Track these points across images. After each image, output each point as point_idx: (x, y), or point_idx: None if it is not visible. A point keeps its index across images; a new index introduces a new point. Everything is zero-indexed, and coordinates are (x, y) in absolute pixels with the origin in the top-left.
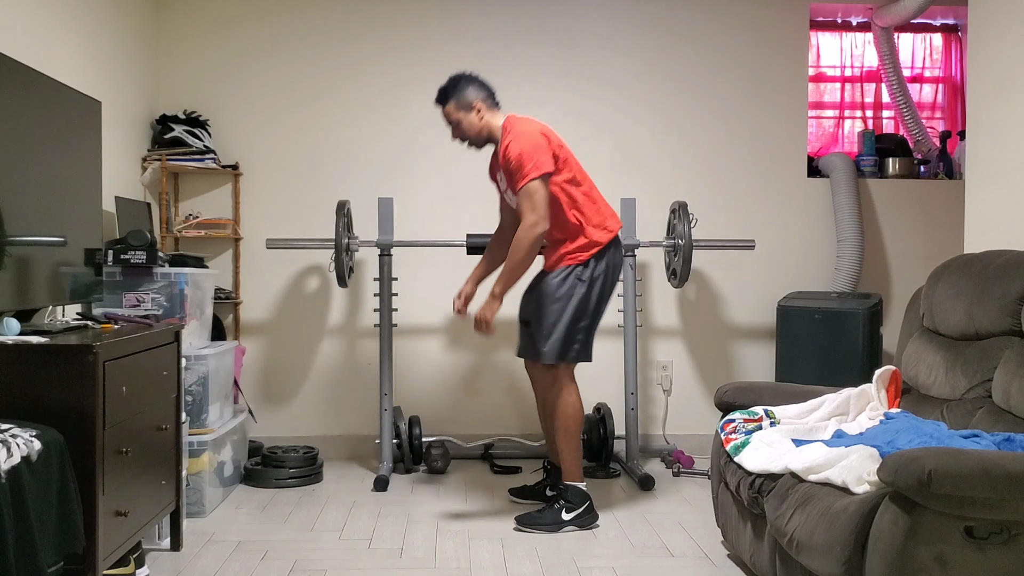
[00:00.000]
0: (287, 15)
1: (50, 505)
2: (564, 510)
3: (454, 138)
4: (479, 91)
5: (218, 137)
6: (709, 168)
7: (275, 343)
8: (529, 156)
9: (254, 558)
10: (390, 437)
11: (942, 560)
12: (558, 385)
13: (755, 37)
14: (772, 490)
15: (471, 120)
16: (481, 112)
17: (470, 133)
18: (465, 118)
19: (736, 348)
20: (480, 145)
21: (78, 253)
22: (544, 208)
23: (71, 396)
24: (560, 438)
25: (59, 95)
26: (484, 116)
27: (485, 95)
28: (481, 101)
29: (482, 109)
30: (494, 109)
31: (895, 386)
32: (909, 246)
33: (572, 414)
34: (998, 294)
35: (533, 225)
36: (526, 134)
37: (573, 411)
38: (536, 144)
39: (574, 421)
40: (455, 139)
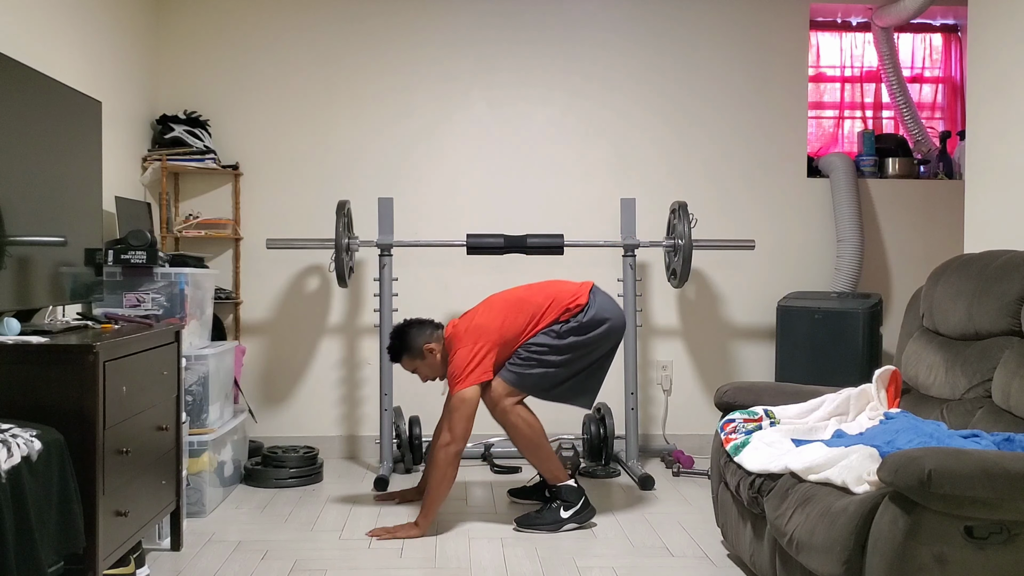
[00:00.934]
0: (287, 15)
1: (50, 505)
2: (563, 508)
3: (424, 381)
4: (420, 332)
5: (218, 137)
6: (709, 168)
7: (275, 343)
8: (467, 365)
9: (254, 558)
10: (390, 437)
11: (942, 560)
12: (501, 407)
13: (755, 37)
14: (772, 490)
15: (429, 363)
16: (434, 350)
17: (436, 373)
18: (422, 364)
19: (736, 348)
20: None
21: (78, 253)
22: (462, 428)
23: (71, 396)
24: (528, 454)
25: (59, 95)
26: (437, 351)
27: (428, 332)
28: (429, 341)
29: (434, 347)
30: (441, 337)
31: (895, 386)
32: (909, 246)
33: (528, 427)
34: (998, 294)
35: (448, 444)
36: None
37: (528, 423)
38: (476, 355)
39: (535, 432)
40: (426, 381)
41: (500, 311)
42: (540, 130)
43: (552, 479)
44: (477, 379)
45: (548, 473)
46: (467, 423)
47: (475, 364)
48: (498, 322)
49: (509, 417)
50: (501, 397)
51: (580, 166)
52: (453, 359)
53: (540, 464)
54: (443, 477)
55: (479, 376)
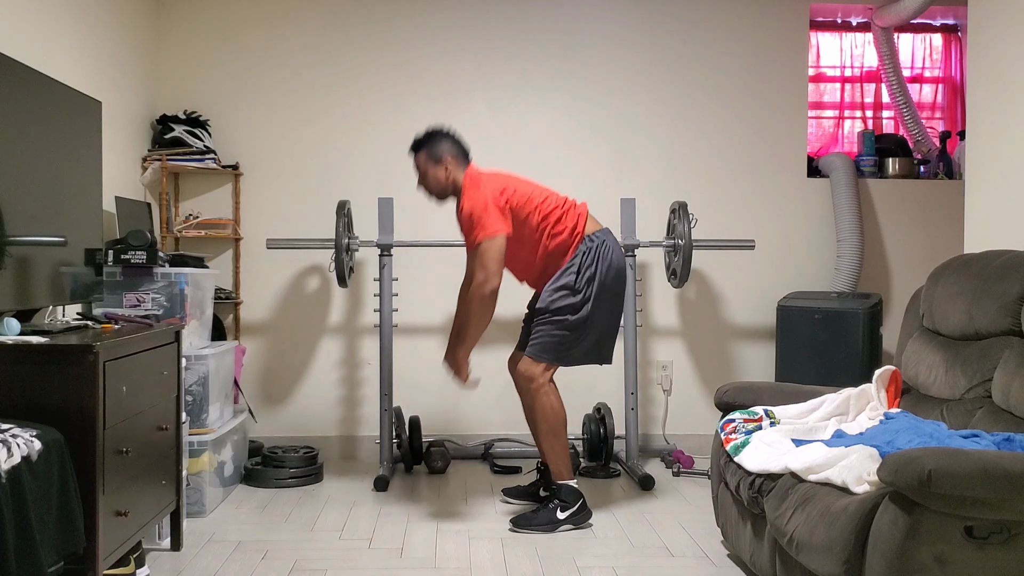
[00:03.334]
0: (287, 15)
1: (50, 505)
2: (559, 509)
3: (419, 186)
4: (452, 148)
5: (218, 137)
6: (709, 168)
7: (275, 343)
8: (479, 217)
9: (254, 558)
10: (390, 437)
11: (942, 560)
12: (535, 385)
13: (755, 37)
14: (772, 490)
15: (437, 173)
16: (449, 168)
17: (433, 185)
18: (432, 171)
19: (736, 348)
20: (443, 198)
21: (78, 253)
22: (495, 266)
23: (71, 396)
24: (544, 439)
25: (59, 95)
26: (451, 172)
27: (456, 152)
28: (452, 157)
29: (450, 166)
30: (462, 166)
31: (895, 386)
32: (909, 246)
33: (553, 414)
34: (998, 294)
35: (482, 283)
36: (477, 190)
37: (553, 411)
38: (485, 206)
39: (556, 421)
40: (419, 188)
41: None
42: (540, 130)
43: (556, 474)
44: (497, 229)
45: (555, 467)
46: (499, 262)
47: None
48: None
49: (539, 398)
50: (537, 375)
51: (580, 166)
52: (465, 200)
53: (551, 455)
54: (481, 316)
55: (498, 227)
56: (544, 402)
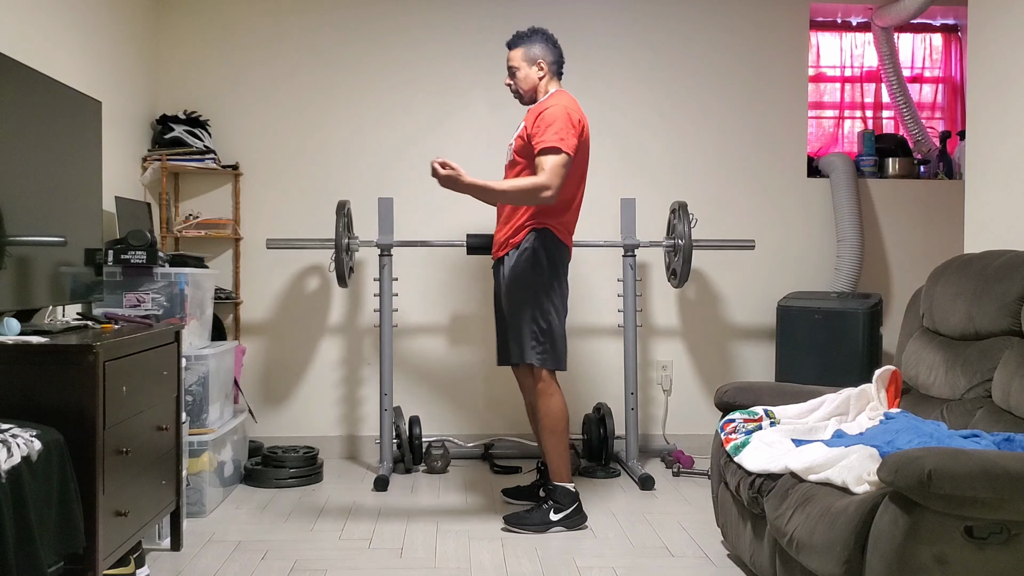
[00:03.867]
0: (287, 15)
1: (50, 505)
2: (552, 511)
3: (507, 83)
4: (549, 53)
5: (218, 137)
6: (709, 168)
7: (275, 343)
8: (563, 127)
9: (254, 558)
10: (390, 437)
11: (942, 560)
12: (542, 384)
13: (755, 37)
14: (772, 490)
15: (529, 74)
16: (543, 72)
17: (523, 86)
18: (526, 69)
19: (736, 348)
20: (527, 102)
21: (78, 253)
22: (559, 180)
23: (71, 396)
24: (546, 439)
25: (59, 95)
26: (545, 75)
27: (553, 59)
28: (547, 63)
29: (545, 70)
30: (555, 77)
31: (895, 386)
32: (909, 246)
33: (556, 415)
34: (998, 294)
35: (542, 188)
36: (569, 110)
37: (557, 412)
38: (571, 122)
39: (559, 422)
40: (507, 84)
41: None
42: None
43: (554, 474)
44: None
45: (553, 467)
46: (563, 178)
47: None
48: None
49: (545, 397)
50: (543, 376)
51: None
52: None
53: (551, 454)
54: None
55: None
56: (549, 402)
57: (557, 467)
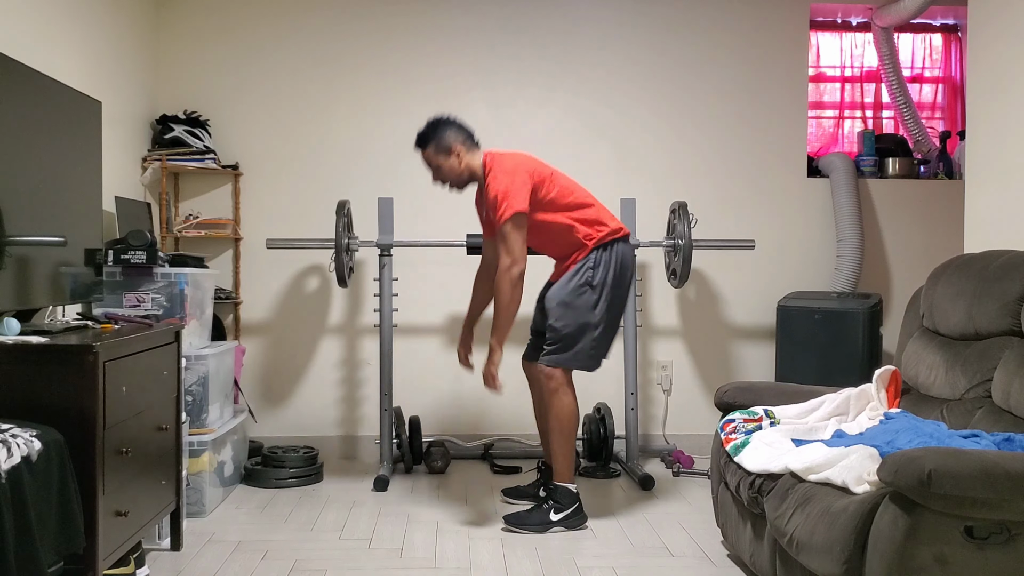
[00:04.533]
0: (287, 15)
1: (50, 505)
2: (553, 511)
3: (435, 181)
4: (457, 134)
5: (218, 137)
6: (709, 168)
7: (275, 343)
8: (505, 195)
9: (254, 558)
10: (390, 437)
11: (942, 560)
12: (554, 385)
13: (755, 37)
14: (772, 490)
15: (451, 164)
16: (460, 155)
17: (451, 176)
18: (445, 162)
19: (736, 348)
20: (462, 187)
21: (78, 253)
22: (519, 249)
23: (71, 396)
24: (554, 439)
25: (59, 95)
26: (464, 158)
27: (464, 137)
28: (460, 144)
29: (461, 152)
30: (474, 150)
31: (895, 386)
32: (909, 246)
33: (567, 416)
34: (998, 294)
35: (509, 267)
36: (506, 172)
37: (569, 413)
38: (514, 182)
39: (569, 423)
40: (436, 182)
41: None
42: (540, 130)
43: (557, 474)
44: (521, 206)
45: (557, 466)
46: (523, 244)
47: (519, 192)
48: (548, 169)
49: (557, 396)
50: (557, 374)
51: (580, 166)
52: (492, 181)
53: (557, 454)
54: (511, 301)
55: (522, 203)
56: (561, 401)
57: (561, 467)
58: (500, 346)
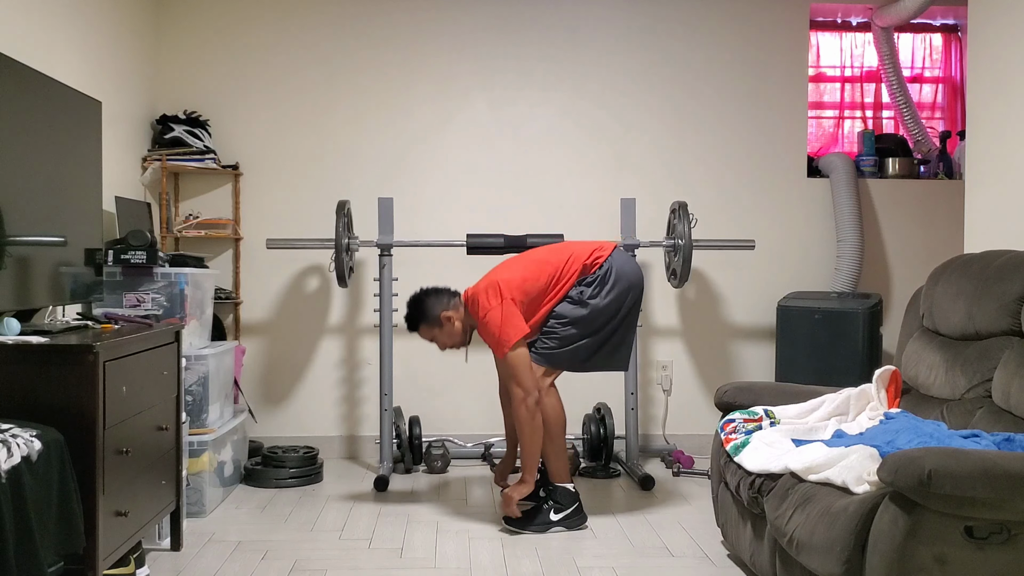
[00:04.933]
0: (287, 15)
1: (50, 505)
2: (552, 511)
3: (443, 350)
4: (438, 301)
5: (218, 137)
6: (709, 168)
7: (275, 343)
8: (502, 327)
9: (254, 558)
10: (390, 437)
11: (942, 560)
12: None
13: (755, 37)
14: (772, 490)
15: (448, 331)
16: (451, 318)
17: (454, 340)
18: (441, 333)
19: (736, 348)
20: (469, 341)
21: (78, 253)
22: (528, 378)
23: (71, 396)
24: (544, 442)
25: (59, 95)
26: (455, 319)
27: (445, 300)
28: (444, 309)
29: (451, 315)
30: (458, 304)
31: (895, 386)
32: (909, 246)
33: (553, 417)
34: (998, 294)
35: (523, 399)
36: (490, 313)
37: (554, 414)
38: (498, 319)
39: (556, 424)
40: (445, 350)
41: (520, 268)
42: (540, 130)
43: (553, 476)
44: (519, 334)
45: (552, 468)
46: (531, 373)
47: (511, 322)
48: (519, 277)
49: (543, 399)
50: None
51: (580, 166)
52: (486, 324)
53: (549, 457)
54: (533, 431)
55: (519, 331)
56: (545, 403)
57: (556, 468)
58: (531, 481)
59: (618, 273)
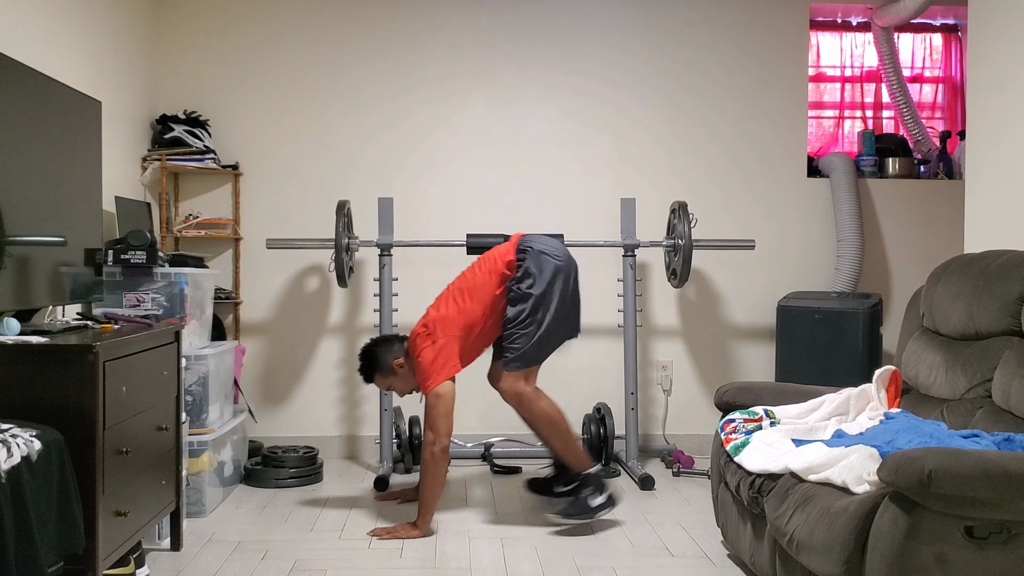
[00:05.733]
0: (287, 15)
1: (50, 505)
2: (590, 496)
3: (401, 396)
4: (388, 350)
5: (218, 137)
6: (709, 168)
7: (275, 343)
8: (432, 364)
9: (254, 558)
10: (390, 437)
11: (942, 560)
12: (525, 397)
13: (755, 37)
14: (772, 490)
15: (401, 378)
16: (403, 364)
17: (409, 385)
18: (395, 380)
19: (736, 348)
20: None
21: (78, 253)
22: (443, 424)
23: (71, 396)
24: (553, 441)
25: (59, 95)
26: (406, 365)
27: (396, 348)
28: (398, 357)
29: (403, 361)
30: (403, 351)
31: (895, 386)
32: (909, 246)
33: (553, 412)
34: (998, 294)
35: (431, 443)
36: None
37: (552, 409)
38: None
39: (557, 420)
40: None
41: (453, 301)
42: (540, 130)
43: (575, 465)
44: (448, 374)
45: (571, 459)
46: (446, 419)
47: (442, 360)
48: (454, 310)
49: (534, 407)
50: (520, 388)
51: (580, 166)
52: (419, 361)
53: (566, 451)
54: (433, 476)
55: (449, 371)
56: (537, 409)
57: (577, 459)
58: (423, 529)
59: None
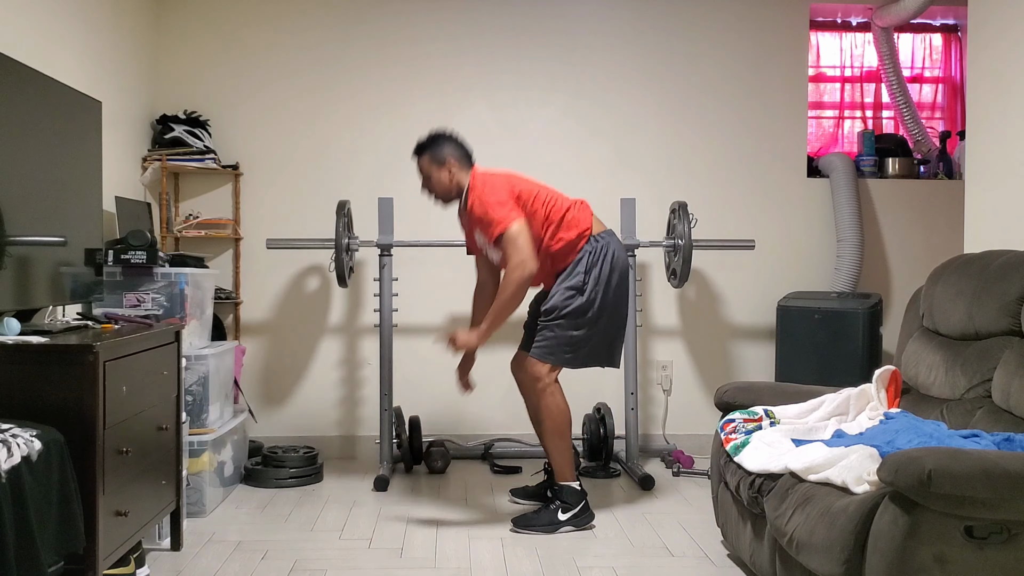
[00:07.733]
0: (287, 15)
1: (50, 505)
2: (560, 511)
3: (423, 190)
4: (455, 150)
5: (218, 137)
6: (709, 168)
7: (275, 343)
8: (497, 206)
9: (254, 558)
10: (390, 437)
11: (942, 560)
12: (541, 385)
13: (755, 37)
14: (772, 490)
15: (441, 176)
16: (452, 171)
17: (438, 188)
18: (436, 173)
19: (736, 348)
20: (448, 201)
21: (78, 253)
22: (529, 248)
23: (71, 396)
24: (548, 440)
25: (59, 95)
26: (455, 175)
27: (460, 155)
28: (455, 160)
29: (453, 168)
30: (466, 168)
31: (895, 386)
32: (909, 246)
33: (558, 415)
34: (998, 294)
35: (520, 264)
36: (488, 186)
37: (559, 412)
38: (499, 195)
39: (561, 422)
40: (423, 191)
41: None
42: (540, 130)
43: (559, 475)
44: (516, 215)
45: (558, 467)
46: (530, 244)
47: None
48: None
49: (545, 398)
50: (543, 375)
51: (580, 166)
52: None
53: (555, 455)
54: (514, 296)
55: (516, 213)
56: (550, 402)
57: (561, 467)
58: (486, 335)
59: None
